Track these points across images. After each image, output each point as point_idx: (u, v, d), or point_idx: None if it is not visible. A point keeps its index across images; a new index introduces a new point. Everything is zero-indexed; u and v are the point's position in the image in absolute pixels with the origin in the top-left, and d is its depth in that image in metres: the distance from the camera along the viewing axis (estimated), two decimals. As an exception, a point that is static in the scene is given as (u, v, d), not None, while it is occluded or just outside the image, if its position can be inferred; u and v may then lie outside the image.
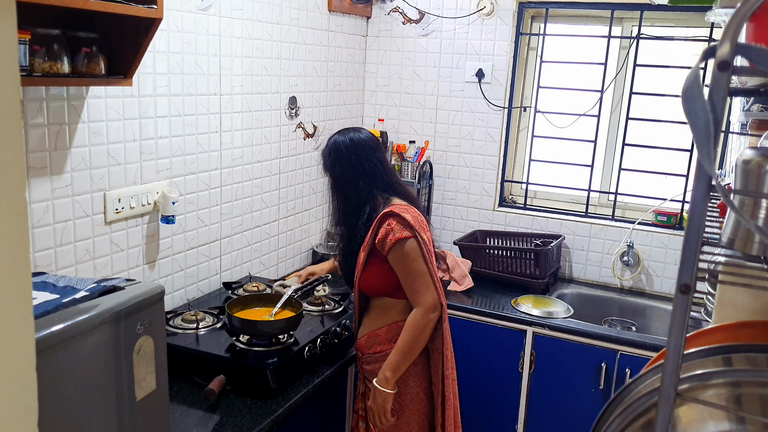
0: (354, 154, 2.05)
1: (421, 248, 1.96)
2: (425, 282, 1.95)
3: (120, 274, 2.04)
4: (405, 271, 1.96)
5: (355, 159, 2.05)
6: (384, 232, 1.96)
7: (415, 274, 1.95)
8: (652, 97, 2.97)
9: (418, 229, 1.97)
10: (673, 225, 2.99)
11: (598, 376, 2.56)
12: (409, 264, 1.95)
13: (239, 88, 2.45)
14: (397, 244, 1.94)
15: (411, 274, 1.96)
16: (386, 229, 1.96)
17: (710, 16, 1.46)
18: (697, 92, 0.66)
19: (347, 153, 2.05)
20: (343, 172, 2.05)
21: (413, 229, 1.95)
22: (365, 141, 2.08)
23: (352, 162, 2.05)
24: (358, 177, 2.04)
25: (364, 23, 3.32)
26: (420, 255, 1.95)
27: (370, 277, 2.05)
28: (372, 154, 2.07)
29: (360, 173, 2.05)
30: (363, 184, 2.04)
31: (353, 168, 2.05)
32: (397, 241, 1.94)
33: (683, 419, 0.80)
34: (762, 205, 0.79)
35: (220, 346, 2.00)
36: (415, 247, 1.95)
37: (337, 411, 2.26)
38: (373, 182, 2.05)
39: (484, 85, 3.17)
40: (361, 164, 2.05)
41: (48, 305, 1.16)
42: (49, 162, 1.76)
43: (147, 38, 1.71)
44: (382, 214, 1.98)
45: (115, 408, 1.27)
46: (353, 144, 2.06)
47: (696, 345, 0.86)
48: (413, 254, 1.95)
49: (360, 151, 2.05)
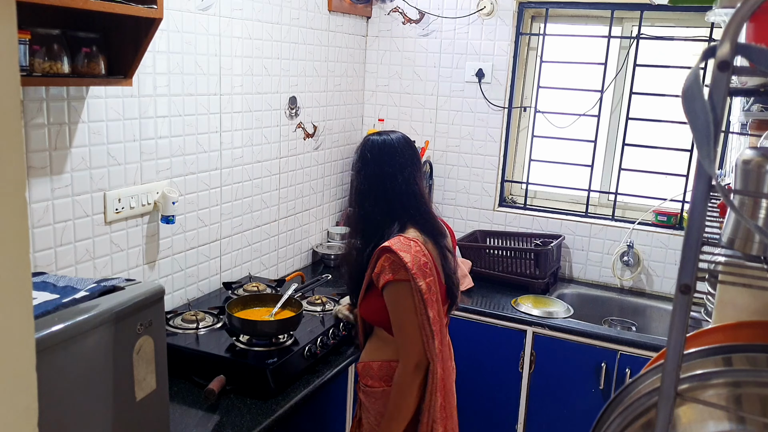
0: (381, 163, 1.83)
1: (413, 296, 1.72)
2: (409, 335, 1.73)
3: (120, 274, 2.04)
4: (393, 315, 1.76)
5: (380, 169, 1.82)
6: (379, 267, 1.75)
7: (400, 324, 1.75)
8: (652, 97, 2.97)
9: (416, 273, 1.70)
10: (673, 225, 2.99)
11: (598, 376, 2.56)
12: (396, 310, 1.75)
13: (239, 88, 2.45)
14: (388, 285, 1.73)
15: (396, 321, 1.76)
16: (381, 265, 1.75)
17: (710, 16, 1.46)
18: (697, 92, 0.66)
19: (373, 160, 1.83)
20: (364, 180, 1.84)
21: (408, 272, 1.70)
22: (399, 150, 1.84)
23: (375, 172, 1.83)
24: (379, 191, 1.82)
25: (364, 23, 3.32)
26: (409, 303, 1.72)
27: (369, 307, 1.85)
28: (404, 168, 1.83)
29: (381, 187, 1.82)
30: (382, 201, 1.82)
31: (375, 179, 1.83)
32: (388, 283, 1.72)
33: (683, 419, 0.80)
34: (762, 205, 0.79)
35: (220, 346, 2.00)
36: (405, 294, 1.72)
37: (337, 411, 2.26)
38: (394, 202, 1.82)
39: (484, 85, 3.17)
40: (388, 177, 1.82)
41: (48, 305, 1.16)
42: (49, 162, 1.76)
43: (147, 38, 1.71)
44: (381, 248, 1.75)
45: (115, 408, 1.27)
46: (383, 151, 1.83)
47: (696, 345, 0.86)
48: (402, 301, 1.72)
49: (389, 160, 1.82)
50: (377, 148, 1.84)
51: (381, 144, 1.85)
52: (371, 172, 1.83)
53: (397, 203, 1.82)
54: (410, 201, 1.84)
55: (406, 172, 1.83)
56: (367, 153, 1.85)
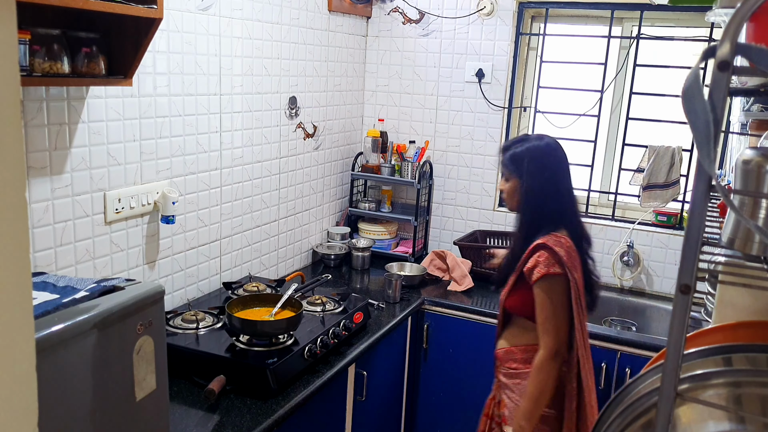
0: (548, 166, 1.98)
1: (568, 289, 1.89)
2: (553, 326, 1.88)
3: (120, 274, 2.04)
4: (541, 307, 1.90)
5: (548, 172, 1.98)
6: (533, 263, 1.90)
7: (547, 314, 1.89)
8: (652, 97, 2.97)
9: (570, 267, 1.88)
10: (673, 225, 2.99)
11: (598, 376, 2.56)
12: (546, 302, 1.88)
13: (239, 88, 2.45)
14: (543, 279, 1.88)
15: (544, 312, 1.89)
16: (536, 261, 1.90)
17: (710, 16, 1.46)
18: (697, 92, 0.66)
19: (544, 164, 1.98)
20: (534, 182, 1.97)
21: (564, 266, 1.87)
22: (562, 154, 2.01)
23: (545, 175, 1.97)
24: (545, 193, 1.97)
25: (364, 23, 3.32)
26: (562, 296, 1.88)
27: (516, 300, 2.01)
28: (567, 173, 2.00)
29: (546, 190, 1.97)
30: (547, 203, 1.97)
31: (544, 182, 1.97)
32: (543, 276, 1.87)
33: (683, 419, 0.80)
34: (762, 205, 0.79)
35: (220, 346, 2.00)
36: (557, 288, 1.88)
37: (337, 411, 2.26)
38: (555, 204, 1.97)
39: (484, 85, 3.17)
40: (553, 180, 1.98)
41: (48, 305, 1.16)
42: (49, 162, 1.76)
43: (147, 38, 1.71)
44: (536, 244, 1.91)
45: (115, 408, 1.27)
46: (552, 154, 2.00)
47: (696, 345, 0.86)
48: (552, 294, 1.88)
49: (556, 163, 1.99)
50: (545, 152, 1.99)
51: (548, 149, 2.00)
52: (541, 175, 1.97)
53: (557, 205, 1.98)
54: (567, 205, 2.00)
55: (568, 176, 2.01)
56: (540, 155, 1.98)
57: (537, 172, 1.97)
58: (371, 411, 2.53)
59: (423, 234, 3.37)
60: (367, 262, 3.13)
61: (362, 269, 3.12)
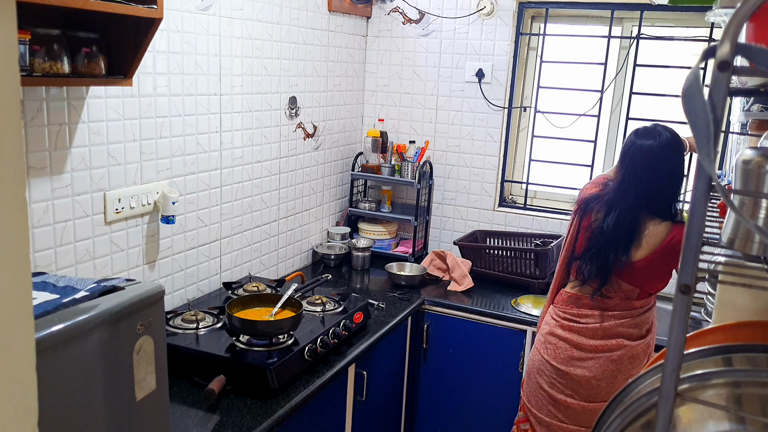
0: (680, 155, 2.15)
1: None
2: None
3: (120, 274, 2.04)
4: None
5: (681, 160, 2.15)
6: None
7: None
8: (652, 97, 2.97)
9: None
10: (673, 225, 2.98)
11: (598, 376, 2.56)
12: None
13: (239, 88, 2.45)
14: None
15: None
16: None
17: (710, 16, 1.46)
18: (697, 92, 0.66)
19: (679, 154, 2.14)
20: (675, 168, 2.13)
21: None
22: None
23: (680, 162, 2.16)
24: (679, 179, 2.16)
25: (364, 23, 3.32)
26: None
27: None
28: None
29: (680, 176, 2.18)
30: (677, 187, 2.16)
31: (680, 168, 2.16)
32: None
33: (683, 419, 0.80)
34: (762, 205, 0.79)
35: (220, 346, 2.00)
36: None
37: (337, 411, 2.26)
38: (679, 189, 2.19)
39: (484, 85, 3.17)
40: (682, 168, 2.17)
41: (48, 305, 1.16)
42: (49, 162, 1.76)
43: (147, 38, 1.71)
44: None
45: (115, 408, 1.27)
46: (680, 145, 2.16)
47: (696, 345, 0.86)
48: None
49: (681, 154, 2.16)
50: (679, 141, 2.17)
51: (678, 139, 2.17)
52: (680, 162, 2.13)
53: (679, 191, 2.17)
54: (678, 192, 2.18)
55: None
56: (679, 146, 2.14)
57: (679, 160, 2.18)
58: (371, 411, 2.53)
59: (423, 234, 3.37)
60: (367, 262, 3.13)
61: (362, 269, 3.13)
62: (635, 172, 2.10)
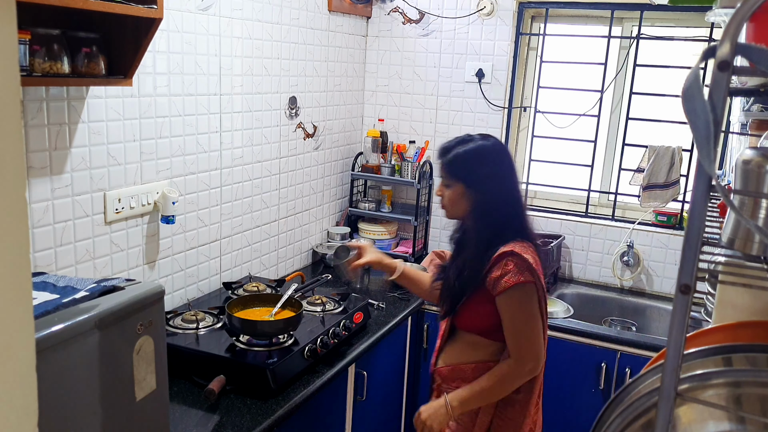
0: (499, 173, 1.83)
1: (539, 296, 1.78)
2: (529, 339, 1.76)
3: (120, 274, 2.04)
4: (513, 317, 1.76)
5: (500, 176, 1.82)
6: (500, 271, 1.74)
7: (519, 327, 1.77)
8: (652, 97, 2.97)
9: (540, 273, 1.78)
10: (673, 225, 2.99)
11: (598, 376, 2.56)
12: (520, 312, 1.76)
13: (239, 88, 2.45)
14: (513, 288, 1.73)
15: (519, 322, 1.76)
16: (503, 269, 1.74)
17: (710, 16, 1.46)
18: (697, 92, 0.66)
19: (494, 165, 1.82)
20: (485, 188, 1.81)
21: (533, 273, 1.75)
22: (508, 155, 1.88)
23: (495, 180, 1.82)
24: (500, 198, 1.82)
25: (364, 23, 3.32)
26: (533, 306, 1.76)
27: (470, 315, 1.86)
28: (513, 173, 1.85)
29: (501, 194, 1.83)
30: (504, 209, 1.82)
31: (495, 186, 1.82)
32: (514, 285, 1.73)
33: (683, 419, 0.80)
34: (762, 205, 0.79)
35: (220, 346, 2.00)
36: (530, 296, 1.76)
37: (337, 411, 2.26)
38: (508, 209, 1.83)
39: (484, 85, 3.17)
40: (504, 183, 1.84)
41: (48, 305, 1.16)
42: (49, 162, 1.76)
43: (147, 38, 1.71)
44: (501, 253, 1.76)
45: (115, 408, 1.27)
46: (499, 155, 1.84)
47: (696, 345, 0.86)
48: (526, 304, 1.75)
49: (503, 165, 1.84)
50: (496, 152, 1.84)
51: (500, 148, 1.86)
52: (494, 180, 1.82)
53: (516, 211, 1.85)
54: (517, 208, 1.86)
55: (515, 178, 1.87)
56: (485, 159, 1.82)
57: (492, 175, 1.81)
58: (371, 411, 2.53)
59: (423, 234, 3.37)
60: (367, 262, 3.13)
61: (362, 269, 3.12)
62: None
